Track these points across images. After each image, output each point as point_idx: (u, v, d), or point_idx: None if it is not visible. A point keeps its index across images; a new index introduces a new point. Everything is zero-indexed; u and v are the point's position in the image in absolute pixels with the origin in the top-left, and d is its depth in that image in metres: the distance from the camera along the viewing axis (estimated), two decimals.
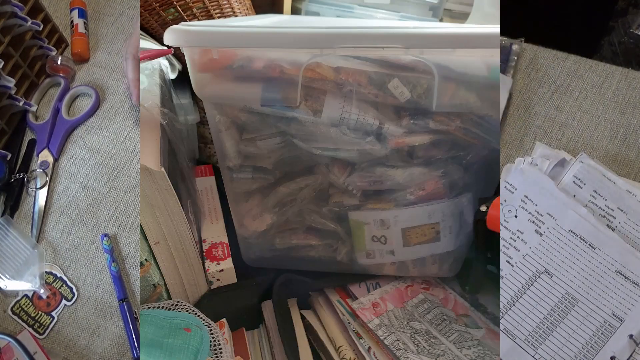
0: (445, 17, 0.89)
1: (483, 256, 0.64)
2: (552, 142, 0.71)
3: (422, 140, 0.56)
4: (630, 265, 0.62)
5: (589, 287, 0.61)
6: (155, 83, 0.64)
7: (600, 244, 0.63)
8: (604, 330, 0.59)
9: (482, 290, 0.68)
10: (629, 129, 0.71)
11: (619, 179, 0.67)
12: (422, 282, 0.71)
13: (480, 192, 0.63)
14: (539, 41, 0.78)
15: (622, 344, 0.58)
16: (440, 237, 0.63)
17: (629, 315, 0.59)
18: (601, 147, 0.70)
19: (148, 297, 0.59)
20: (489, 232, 0.59)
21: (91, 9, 0.88)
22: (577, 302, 0.60)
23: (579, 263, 0.62)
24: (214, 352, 0.55)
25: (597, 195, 0.66)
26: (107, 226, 0.72)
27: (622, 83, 0.73)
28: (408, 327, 0.62)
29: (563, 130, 0.72)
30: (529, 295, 0.61)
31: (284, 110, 0.55)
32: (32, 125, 0.78)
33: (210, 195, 0.73)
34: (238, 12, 0.75)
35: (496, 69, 0.52)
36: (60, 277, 0.69)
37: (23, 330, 0.65)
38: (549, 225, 0.64)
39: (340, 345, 0.61)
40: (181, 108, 0.71)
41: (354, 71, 0.52)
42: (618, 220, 0.64)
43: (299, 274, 0.69)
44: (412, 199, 0.60)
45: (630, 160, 0.69)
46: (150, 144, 0.55)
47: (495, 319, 0.64)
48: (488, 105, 0.53)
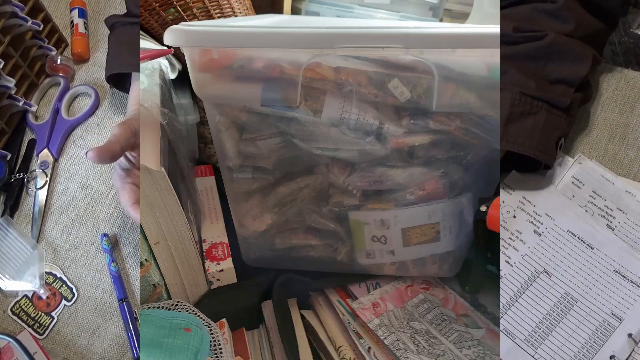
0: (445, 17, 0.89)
1: (483, 256, 0.64)
2: None
3: (422, 140, 0.56)
4: (628, 265, 0.62)
5: (587, 286, 0.61)
6: (155, 83, 0.64)
7: (599, 244, 0.63)
8: (603, 330, 0.59)
9: (482, 290, 0.68)
10: (628, 129, 0.71)
11: (618, 179, 0.67)
12: (422, 282, 0.71)
13: (480, 192, 0.63)
14: None
15: (621, 343, 0.58)
16: (440, 237, 0.63)
17: (628, 315, 0.60)
18: (600, 147, 0.70)
19: (148, 297, 0.59)
20: (489, 232, 0.59)
21: (91, 9, 0.88)
22: (576, 301, 0.61)
23: (578, 263, 0.62)
24: (214, 352, 0.55)
25: (597, 195, 0.66)
26: (107, 226, 0.72)
27: (622, 83, 0.74)
28: (408, 327, 0.62)
29: None
30: (528, 295, 0.61)
31: (284, 110, 0.55)
32: (32, 125, 0.78)
33: (210, 195, 0.73)
34: (238, 12, 0.75)
35: (496, 69, 0.52)
36: (60, 277, 0.69)
37: (23, 331, 0.65)
38: (547, 225, 0.64)
39: (340, 345, 0.61)
40: (181, 108, 0.71)
41: (354, 71, 0.52)
42: (617, 220, 0.65)
43: (299, 274, 0.69)
44: (412, 199, 0.60)
45: (629, 160, 0.69)
46: (150, 144, 0.55)
47: (495, 319, 0.64)
48: (488, 105, 0.53)
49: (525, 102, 0.63)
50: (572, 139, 0.71)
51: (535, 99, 0.63)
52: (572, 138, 0.71)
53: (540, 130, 0.62)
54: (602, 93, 0.73)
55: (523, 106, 0.62)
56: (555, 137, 0.64)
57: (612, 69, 0.74)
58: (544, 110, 0.63)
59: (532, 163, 0.65)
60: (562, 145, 0.65)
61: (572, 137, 0.71)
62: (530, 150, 0.62)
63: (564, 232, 0.63)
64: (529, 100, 0.63)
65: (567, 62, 0.65)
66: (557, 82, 0.64)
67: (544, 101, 0.63)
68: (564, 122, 0.64)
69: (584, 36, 0.66)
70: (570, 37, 0.65)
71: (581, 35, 0.65)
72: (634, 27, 0.83)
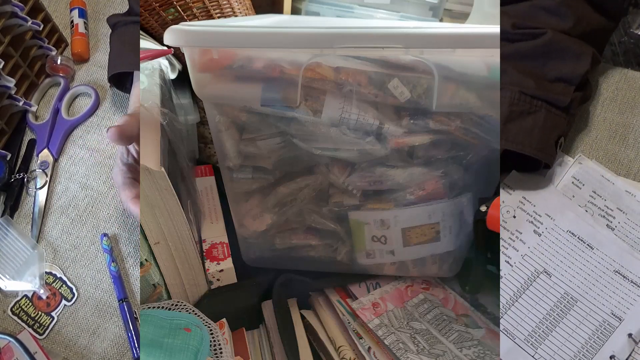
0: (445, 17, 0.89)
1: (483, 256, 0.64)
2: None
3: (422, 140, 0.56)
4: (628, 264, 0.62)
5: (587, 286, 0.61)
6: (155, 83, 0.64)
7: (599, 244, 0.63)
8: (603, 330, 0.59)
9: (482, 290, 0.68)
10: (628, 129, 0.71)
11: (618, 179, 0.67)
12: (422, 282, 0.71)
13: (480, 192, 0.63)
14: None
15: (621, 343, 0.58)
16: (440, 237, 0.63)
17: (628, 315, 0.60)
18: (600, 147, 0.70)
19: (148, 297, 0.59)
20: (489, 232, 0.59)
21: (91, 9, 0.88)
22: (576, 301, 0.61)
23: (578, 263, 0.62)
24: (214, 352, 0.55)
25: (597, 195, 0.66)
26: (107, 226, 0.72)
27: (622, 83, 0.74)
28: (408, 327, 0.62)
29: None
30: (528, 295, 0.61)
31: (284, 110, 0.55)
32: (32, 125, 0.78)
33: (210, 195, 0.73)
34: (238, 12, 0.75)
35: (496, 69, 0.52)
36: (60, 277, 0.69)
37: (23, 331, 0.65)
38: (547, 225, 0.64)
39: (340, 345, 0.61)
40: (181, 108, 0.71)
41: (354, 71, 0.52)
42: (617, 220, 0.65)
43: (299, 274, 0.69)
44: (412, 199, 0.60)
45: (629, 160, 0.69)
46: (150, 144, 0.55)
47: (495, 319, 0.64)
48: (488, 105, 0.53)
49: (525, 102, 0.63)
50: (572, 138, 0.71)
51: (535, 98, 0.63)
52: (572, 138, 0.71)
53: (540, 130, 0.63)
54: (602, 93, 0.73)
55: (522, 105, 0.62)
56: (554, 136, 0.64)
57: (612, 69, 0.74)
58: (544, 110, 0.63)
59: (532, 163, 0.65)
60: (561, 144, 0.65)
61: (572, 137, 0.71)
62: (530, 150, 0.62)
63: (564, 232, 0.63)
64: (529, 100, 0.63)
65: (566, 60, 0.65)
66: (556, 80, 0.64)
67: (543, 100, 0.63)
68: (564, 121, 0.64)
69: (583, 34, 0.66)
70: (569, 35, 0.65)
71: (580, 33, 0.65)
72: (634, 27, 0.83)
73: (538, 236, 0.64)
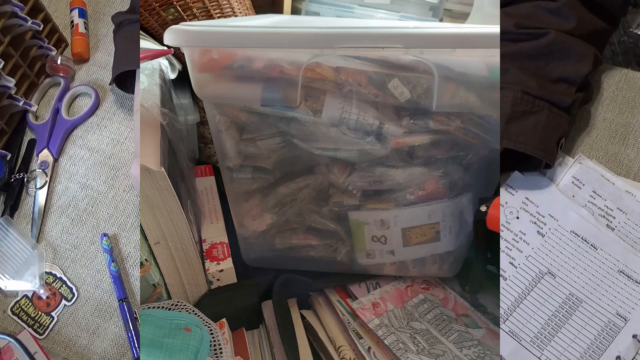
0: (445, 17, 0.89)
1: (483, 256, 0.64)
2: None
3: (422, 140, 0.56)
4: (632, 265, 0.62)
5: (592, 287, 0.61)
6: (155, 83, 0.64)
7: (602, 244, 0.63)
8: (608, 330, 0.59)
9: (482, 290, 0.68)
10: (628, 129, 0.71)
11: (618, 180, 0.67)
12: (422, 282, 0.71)
13: (480, 192, 0.63)
14: None
15: (627, 343, 0.58)
16: (440, 237, 0.63)
17: (633, 315, 0.59)
18: (600, 147, 0.70)
19: (148, 297, 0.59)
20: (489, 232, 0.59)
21: (91, 9, 0.88)
22: (581, 302, 0.60)
23: (582, 263, 0.62)
24: (214, 352, 0.55)
25: (597, 195, 0.66)
26: (107, 226, 0.72)
27: (622, 83, 0.73)
28: (408, 327, 0.62)
29: None
30: (533, 297, 0.61)
31: (284, 110, 0.55)
32: (32, 125, 0.78)
33: (210, 195, 0.73)
34: (238, 12, 0.75)
35: (496, 69, 0.52)
36: (60, 277, 0.69)
37: (23, 331, 0.65)
38: (551, 226, 0.64)
39: (340, 345, 0.61)
40: (181, 108, 0.71)
41: (354, 71, 0.52)
42: (617, 220, 0.65)
43: (299, 274, 0.69)
44: (412, 199, 0.60)
45: (629, 160, 0.69)
46: (150, 144, 0.55)
47: (495, 319, 0.64)
48: (488, 105, 0.53)
49: (527, 102, 0.63)
50: (572, 138, 0.71)
51: (537, 98, 0.63)
52: (572, 138, 0.71)
53: (542, 130, 0.62)
54: (602, 93, 0.73)
55: (525, 105, 0.62)
56: (556, 136, 0.64)
57: (612, 69, 0.74)
58: (546, 110, 0.63)
59: (532, 162, 0.65)
60: (562, 145, 0.65)
61: (572, 137, 0.71)
62: (532, 149, 0.62)
63: (568, 233, 0.63)
64: (531, 100, 0.63)
65: (569, 61, 0.65)
66: (558, 81, 0.64)
67: (546, 100, 0.63)
68: (565, 121, 0.64)
69: (585, 34, 0.66)
70: (572, 35, 0.65)
71: (582, 34, 0.65)
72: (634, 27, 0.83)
73: (542, 237, 0.64)
